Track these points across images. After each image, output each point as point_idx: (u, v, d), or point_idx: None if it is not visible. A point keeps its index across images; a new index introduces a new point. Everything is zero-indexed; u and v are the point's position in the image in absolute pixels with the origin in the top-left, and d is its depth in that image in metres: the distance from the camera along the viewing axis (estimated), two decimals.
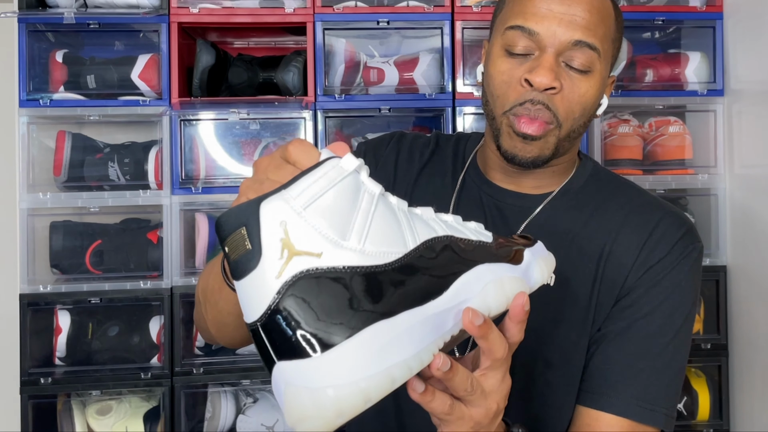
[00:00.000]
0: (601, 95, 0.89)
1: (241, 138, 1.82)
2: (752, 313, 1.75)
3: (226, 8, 1.75)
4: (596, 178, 0.96)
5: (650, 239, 0.88)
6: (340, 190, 0.56)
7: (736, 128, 1.82)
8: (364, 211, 0.56)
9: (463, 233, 0.63)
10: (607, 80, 0.90)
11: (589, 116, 0.88)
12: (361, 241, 0.55)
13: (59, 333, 1.71)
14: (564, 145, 0.88)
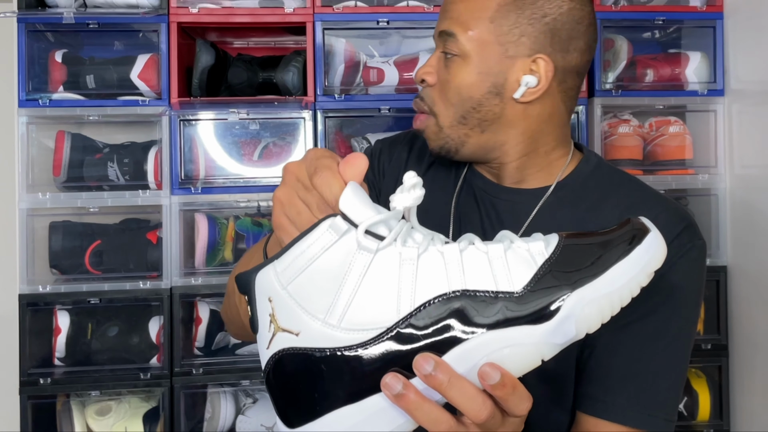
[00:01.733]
0: (488, 78, 0.87)
1: (241, 138, 1.82)
2: (752, 313, 1.75)
3: (226, 8, 1.75)
4: (598, 173, 0.93)
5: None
6: (331, 258, 0.56)
7: (736, 128, 1.81)
8: (351, 281, 0.55)
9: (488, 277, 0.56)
10: (497, 61, 0.86)
11: (477, 101, 0.87)
12: (340, 318, 0.55)
13: (59, 333, 1.71)
14: (462, 133, 0.89)
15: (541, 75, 0.86)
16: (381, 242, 0.55)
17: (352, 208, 0.56)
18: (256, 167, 1.79)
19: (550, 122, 0.90)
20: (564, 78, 0.88)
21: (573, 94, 0.91)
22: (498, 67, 0.86)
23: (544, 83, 0.86)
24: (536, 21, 0.85)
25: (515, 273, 0.55)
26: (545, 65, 0.86)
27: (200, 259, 1.75)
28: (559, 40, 0.86)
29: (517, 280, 0.55)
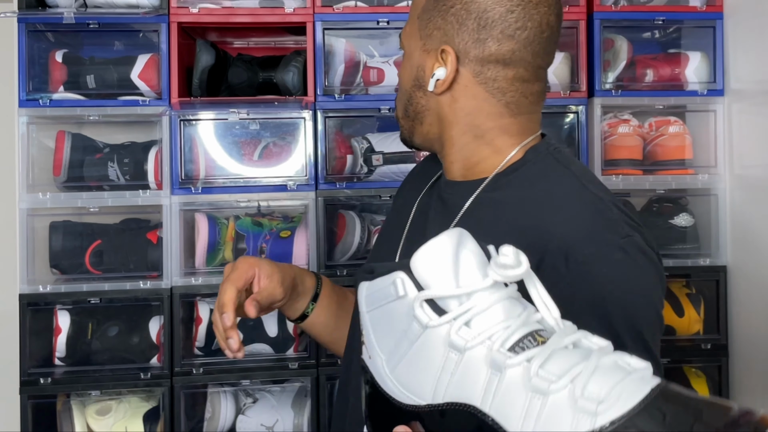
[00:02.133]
0: (412, 71, 0.90)
1: (241, 138, 1.82)
2: (752, 313, 1.75)
3: (226, 8, 1.75)
4: (534, 166, 0.87)
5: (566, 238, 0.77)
6: (398, 306, 0.55)
7: (736, 128, 1.81)
8: (406, 340, 0.54)
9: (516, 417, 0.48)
10: (418, 55, 0.90)
11: (409, 94, 0.92)
12: (393, 367, 0.55)
13: (59, 333, 1.71)
14: (409, 125, 0.94)
15: (448, 66, 0.86)
16: (431, 320, 0.52)
17: (422, 269, 0.53)
18: (256, 167, 1.79)
19: (481, 114, 0.88)
20: (481, 69, 0.86)
21: (504, 85, 0.86)
22: (418, 60, 0.90)
23: (450, 74, 0.86)
24: (445, 12, 0.86)
25: (546, 425, 0.46)
26: (449, 56, 0.86)
27: (200, 259, 1.75)
28: (468, 30, 0.85)
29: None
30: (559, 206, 0.81)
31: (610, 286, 0.75)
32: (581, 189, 0.83)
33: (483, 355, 0.50)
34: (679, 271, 1.83)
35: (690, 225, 1.85)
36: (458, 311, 0.52)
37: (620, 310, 0.74)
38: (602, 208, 0.80)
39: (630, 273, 0.76)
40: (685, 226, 1.85)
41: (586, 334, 0.51)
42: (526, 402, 0.47)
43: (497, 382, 0.49)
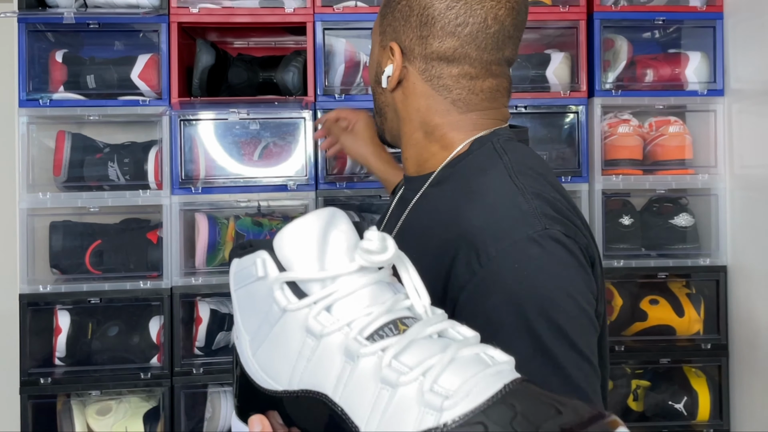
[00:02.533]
0: (374, 68, 0.92)
1: (241, 138, 1.82)
2: (752, 313, 1.75)
3: (226, 8, 1.75)
4: (466, 161, 0.85)
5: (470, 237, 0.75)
6: (258, 288, 0.52)
7: (736, 128, 1.81)
8: (266, 324, 0.51)
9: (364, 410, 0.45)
10: (377, 52, 0.91)
11: (374, 90, 0.94)
12: (255, 350, 0.53)
13: (59, 333, 1.71)
14: (379, 121, 0.95)
15: (394, 63, 0.87)
16: (291, 303, 0.49)
17: (285, 249, 0.51)
18: (256, 167, 1.79)
19: (429, 111, 0.87)
20: (426, 66, 0.85)
21: (450, 83, 0.85)
22: (377, 57, 0.91)
23: (396, 71, 0.87)
24: (393, 9, 0.87)
25: (391, 421, 0.43)
26: (396, 53, 0.86)
27: (200, 258, 1.75)
28: (412, 27, 0.85)
29: (381, 428, 0.44)
30: (479, 199, 0.78)
31: (524, 280, 0.71)
32: (504, 181, 0.79)
33: (339, 342, 0.47)
34: (679, 271, 1.83)
35: (690, 225, 1.85)
36: (319, 295, 0.49)
37: (535, 305, 0.71)
38: (519, 201, 0.76)
39: (545, 266, 0.72)
40: (685, 226, 1.85)
41: (453, 324, 0.49)
42: (375, 394, 0.44)
43: (350, 371, 0.46)
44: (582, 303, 0.73)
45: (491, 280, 0.72)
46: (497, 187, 0.79)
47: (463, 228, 0.76)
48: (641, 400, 1.87)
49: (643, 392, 1.87)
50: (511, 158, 0.82)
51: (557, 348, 0.70)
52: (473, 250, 0.73)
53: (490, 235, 0.74)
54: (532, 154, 0.88)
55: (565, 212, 0.78)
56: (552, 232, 0.74)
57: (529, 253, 0.72)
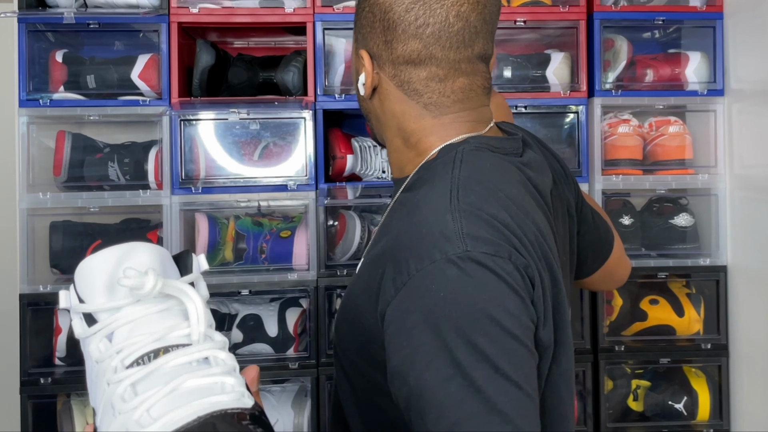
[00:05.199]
0: (354, 70, 0.91)
1: (241, 138, 1.82)
2: (752, 313, 1.75)
3: (226, 8, 1.75)
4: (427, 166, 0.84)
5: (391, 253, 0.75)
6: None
7: (736, 128, 1.81)
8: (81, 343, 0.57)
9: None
10: (355, 55, 0.89)
11: (357, 95, 0.92)
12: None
13: (59, 333, 1.71)
14: (368, 124, 0.94)
15: (366, 69, 0.86)
16: (81, 331, 0.54)
17: (80, 283, 0.55)
18: (256, 167, 1.79)
19: (404, 117, 0.86)
20: (395, 71, 0.84)
21: (419, 87, 0.84)
22: (354, 64, 0.90)
23: (368, 79, 0.86)
24: (359, 16, 0.86)
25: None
26: (365, 61, 0.86)
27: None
28: (377, 32, 0.83)
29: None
30: (412, 214, 0.77)
31: (440, 302, 0.69)
32: (442, 198, 0.76)
33: (104, 370, 0.52)
34: (679, 271, 1.83)
35: (690, 225, 1.85)
36: (101, 325, 0.53)
37: (452, 327, 0.68)
38: (446, 219, 0.73)
39: (463, 288, 0.70)
40: (685, 226, 1.85)
41: (216, 352, 0.52)
42: (108, 419, 0.50)
43: (103, 396, 0.51)
44: (509, 327, 0.69)
45: (410, 300, 0.71)
46: (431, 203, 0.76)
47: (393, 242, 0.76)
48: (641, 400, 1.87)
49: (643, 392, 1.87)
50: (463, 171, 0.79)
51: (477, 371, 0.67)
52: (397, 267, 0.73)
53: (413, 253, 0.72)
54: (492, 166, 0.82)
55: (502, 231, 0.74)
56: (474, 254, 0.70)
57: (447, 275, 0.70)
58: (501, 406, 0.65)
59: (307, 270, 1.73)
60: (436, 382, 0.67)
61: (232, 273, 1.74)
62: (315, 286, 1.72)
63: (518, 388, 0.67)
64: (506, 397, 0.66)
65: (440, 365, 0.67)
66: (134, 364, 0.51)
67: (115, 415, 0.49)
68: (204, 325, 0.53)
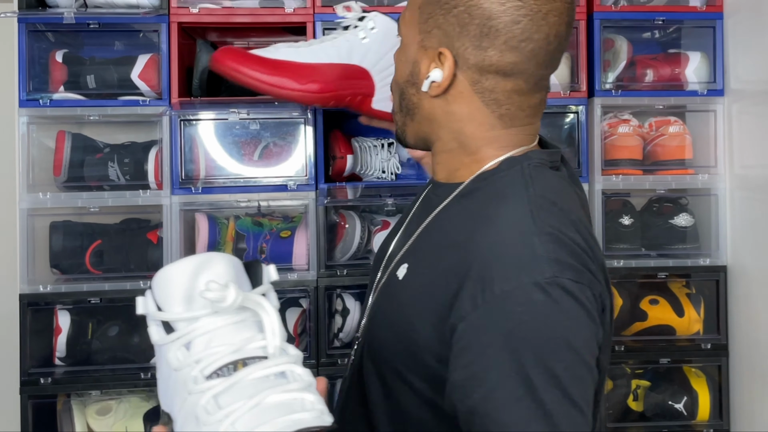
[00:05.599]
0: (408, 66, 0.86)
1: (241, 138, 1.82)
2: (752, 313, 1.75)
3: (226, 8, 1.75)
4: (493, 179, 0.84)
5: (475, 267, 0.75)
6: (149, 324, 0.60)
7: (736, 128, 1.81)
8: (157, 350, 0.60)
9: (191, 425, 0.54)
10: (415, 51, 0.85)
11: (402, 90, 0.88)
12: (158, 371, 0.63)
13: (59, 333, 1.71)
14: (401, 121, 0.90)
15: (444, 70, 0.83)
16: (159, 339, 0.57)
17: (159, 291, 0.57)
18: (256, 167, 1.79)
19: (472, 123, 0.85)
20: (479, 78, 0.82)
21: (501, 97, 0.83)
22: (415, 56, 0.85)
23: (446, 79, 0.83)
24: (447, 12, 0.81)
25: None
26: (447, 61, 0.82)
27: None
28: (470, 35, 0.80)
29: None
30: (494, 229, 0.77)
31: (522, 324, 0.70)
32: (524, 216, 0.77)
33: (184, 379, 0.54)
34: (679, 271, 1.83)
35: (690, 225, 1.85)
36: (180, 333, 0.55)
37: (531, 351, 0.70)
38: (534, 242, 0.74)
39: (548, 314, 0.71)
40: (685, 226, 1.85)
41: (293, 367, 0.54)
42: (191, 428, 0.52)
43: (183, 405, 0.53)
44: (583, 354, 0.72)
45: (491, 319, 0.72)
46: (515, 222, 0.77)
47: (473, 256, 0.76)
48: (641, 400, 1.87)
49: (643, 392, 1.87)
50: (536, 190, 0.80)
51: (548, 395, 0.69)
52: (479, 284, 0.73)
53: (498, 272, 0.73)
54: (559, 186, 0.84)
55: (581, 256, 0.75)
56: (561, 280, 0.72)
57: (533, 299, 0.71)
58: (563, 429, 0.68)
59: (307, 270, 1.73)
60: (506, 402, 0.69)
61: None
62: (315, 286, 1.72)
63: (582, 414, 0.70)
64: (569, 421, 0.69)
65: (513, 386, 0.69)
66: (214, 375, 0.53)
67: (199, 426, 0.51)
68: (279, 339, 0.55)
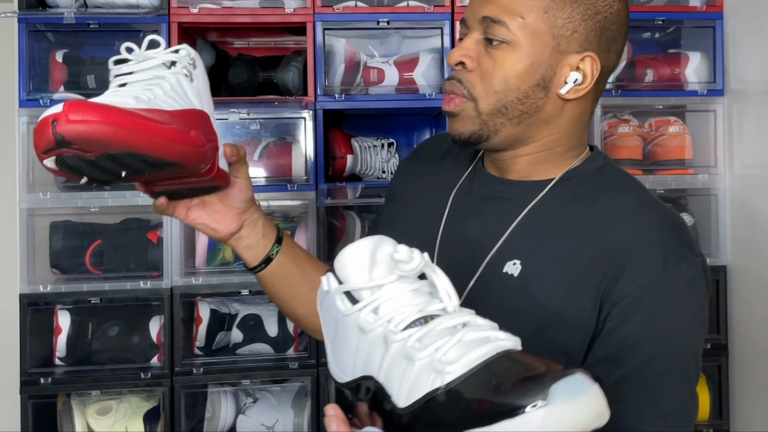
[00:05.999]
0: (534, 70, 0.85)
1: (241, 138, 1.82)
2: (752, 313, 1.75)
3: (226, 8, 1.75)
4: (600, 173, 0.91)
5: (636, 251, 0.82)
6: (330, 302, 0.66)
7: (736, 128, 1.81)
8: (336, 330, 0.66)
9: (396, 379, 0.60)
10: (547, 54, 0.84)
11: (523, 92, 0.85)
12: (332, 352, 0.69)
13: (59, 333, 1.71)
14: (498, 123, 0.86)
15: (587, 73, 0.86)
16: (347, 309, 0.63)
17: (342, 268, 0.65)
18: (256, 167, 1.79)
19: (579, 121, 0.90)
20: (600, 78, 0.88)
21: (600, 95, 0.93)
22: (549, 60, 0.85)
23: (589, 82, 0.86)
24: (589, 18, 0.84)
25: (412, 388, 0.58)
26: (593, 64, 0.86)
27: (201, 258, 1.75)
28: (605, 40, 0.86)
29: (407, 397, 0.59)
30: (628, 217, 0.84)
31: (682, 300, 0.80)
32: (657, 204, 0.87)
33: (380, 335, 0.61)
34: None
35: (690, 225, 1.85)
36: (367, 300, 0.62)
37: (684, 324, 0.80)
38: (676, 224, 0.84)
39: (696, 290, 0.81)
40: None
41: (475, 319, 0.61)
42: (402, 369, 0.59)
43: (386, 355, 0.60)
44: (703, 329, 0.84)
45: (655, 295, 0.80)
46: (653, 207, 0.86)
47: (623, 241, 0.82)
48: None
49: None
50: (637, 182, 0.91)
51: (693, 367, 0.80)
52: (641, 265, 0.80)
53: (656, 253, 0.81)
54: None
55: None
56: (703, 260, 0.83)
57: (689, 276, 0.81)
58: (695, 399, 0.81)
59: None
60: (662, 370, 0.79)
61: (232, 273, 1.74)
62: None
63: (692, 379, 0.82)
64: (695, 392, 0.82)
65: (668, 356, 0.78)
66: (407, 329, 0.60)
67: (412, 362, 0.58)
68: (456, 300, 0.62)
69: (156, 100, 0.82)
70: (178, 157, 0.80)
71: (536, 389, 0.52)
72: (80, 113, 0.70)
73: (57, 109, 0.71)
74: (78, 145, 0.71)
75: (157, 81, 0.84)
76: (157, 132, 0.77)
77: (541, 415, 0.51)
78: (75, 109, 0.71)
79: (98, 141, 0.71)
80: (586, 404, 0.53)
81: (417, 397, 0.57)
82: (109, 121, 0.72)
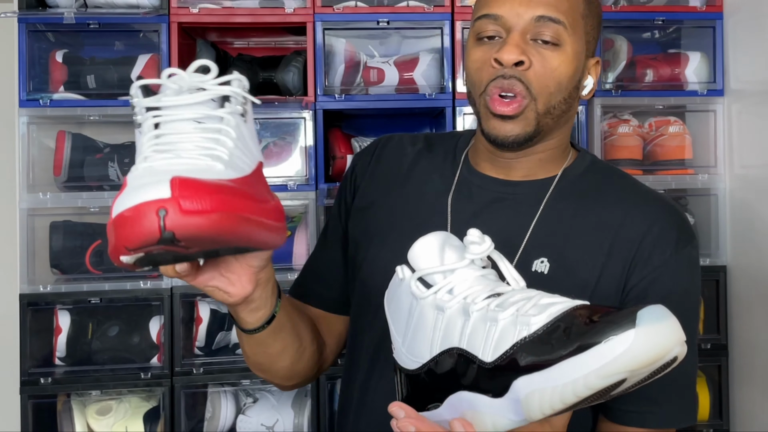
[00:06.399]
0: (577, 72, 0.88)
1: None
2: (752, 313, 1.75)
3: (226, 8, 1.75)
4: (594, 168, 0.96)
5: (650, 236, 0.88)
6: (403, 294, 0.72)
7: (736, 128, 1.82)
8: (411, 318, 0.71)
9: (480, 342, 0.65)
10: (583, 58, 0.90)
11: (567, 93, 0.87)
12: (405, 343, 0.72)
13: (59, 333, 1.71)
14: (546, 123, 0.87)
15: (594, 76, 0.94)
16: (422, 293, 0.69)
17: (415, 258, 0.71)
18: None
19: (571, 121, 0.95)
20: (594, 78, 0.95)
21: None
22: (581, 61, 0.90)
23: (595, 84, 0.94)
24: (598, 26, 0.95)
25: (498, 343, 0.63)
26: (598, 67, 0.95)
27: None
28: (595, 42, 0.95)
29: (493, 351, 0.63)
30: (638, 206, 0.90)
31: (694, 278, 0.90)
32: (660, 195, 0.94)
33: (459, 309, 0.67)
34: None
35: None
36: (442, 283, 0.68)
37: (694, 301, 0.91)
38: (677, 207, 0.92)
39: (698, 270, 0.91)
40: None
41: (542, 294, 0.66)
42: (486, 330, 0.64)
43: (467, 323, 0.66)
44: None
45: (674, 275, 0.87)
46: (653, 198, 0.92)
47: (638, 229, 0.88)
48: None
49: None
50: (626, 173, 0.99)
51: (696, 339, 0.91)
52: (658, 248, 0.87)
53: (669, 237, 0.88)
54: None
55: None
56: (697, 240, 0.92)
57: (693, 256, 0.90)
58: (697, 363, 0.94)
59: None
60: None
61: None
62: None
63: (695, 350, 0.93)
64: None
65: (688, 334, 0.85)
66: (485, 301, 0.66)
67: (497, 322, 0.63)
68: (522, 282, 0.70)
69: (235, 160, 0.62)
70: (272, 244, 0.65)
71: (620, 320, 0.57)
72: (195, 200, 0.50)
73: (162, 192, 0.50)
74: (186, 243, 0.52)
75: (215, 125, 0.63)
76: (266, 216, 0.59)
77: (632, 335, 0.55)
78: (189, 193, 0.50)
79: (214, 239, 0.52)
80: (670, 328, 0.56)
81: (504, 349, 0.62)
82: (229, 209, 0.53)
